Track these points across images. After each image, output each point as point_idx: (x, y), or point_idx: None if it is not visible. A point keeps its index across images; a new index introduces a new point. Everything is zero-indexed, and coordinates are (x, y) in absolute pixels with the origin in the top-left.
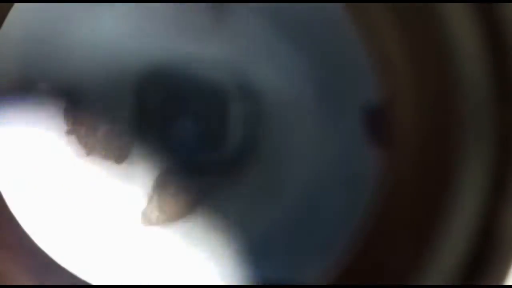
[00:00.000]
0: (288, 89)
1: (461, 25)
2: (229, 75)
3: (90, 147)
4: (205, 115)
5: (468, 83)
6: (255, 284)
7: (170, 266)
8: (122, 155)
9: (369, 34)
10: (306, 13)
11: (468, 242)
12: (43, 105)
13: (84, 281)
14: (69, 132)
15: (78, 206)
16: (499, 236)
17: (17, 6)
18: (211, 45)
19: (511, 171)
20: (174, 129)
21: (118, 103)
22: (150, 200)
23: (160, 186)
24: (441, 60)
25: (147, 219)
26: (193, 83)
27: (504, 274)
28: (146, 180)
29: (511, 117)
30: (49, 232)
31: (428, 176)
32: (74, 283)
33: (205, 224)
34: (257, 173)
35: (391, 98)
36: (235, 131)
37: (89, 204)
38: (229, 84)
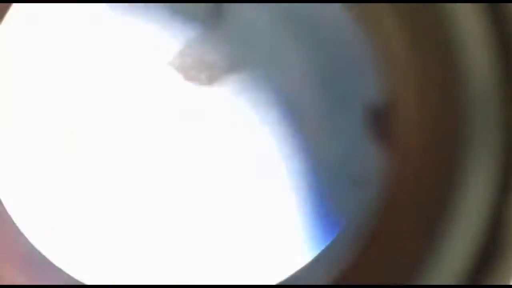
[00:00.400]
0: (291, 87)
1: (466, 25)
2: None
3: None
4: None
5: (473, 82)
6: (255, 284)
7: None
8: None
9: (373, 33)
10: (309, 12)
11: (472, 242)
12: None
13: (80, 282)
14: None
15: (75, 205)
16: (504, 236)
17: (16, 6)
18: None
19: None
20: None
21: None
22: None
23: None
24: (445, 60)
25: None
26: None
27: (509, 275)
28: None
29: None
30: (45, 232)
31: (431, 175)
32: (71, 283)
33: None
34: None
35: (395, 97)
36: None
37: (87, 204)
38: None
